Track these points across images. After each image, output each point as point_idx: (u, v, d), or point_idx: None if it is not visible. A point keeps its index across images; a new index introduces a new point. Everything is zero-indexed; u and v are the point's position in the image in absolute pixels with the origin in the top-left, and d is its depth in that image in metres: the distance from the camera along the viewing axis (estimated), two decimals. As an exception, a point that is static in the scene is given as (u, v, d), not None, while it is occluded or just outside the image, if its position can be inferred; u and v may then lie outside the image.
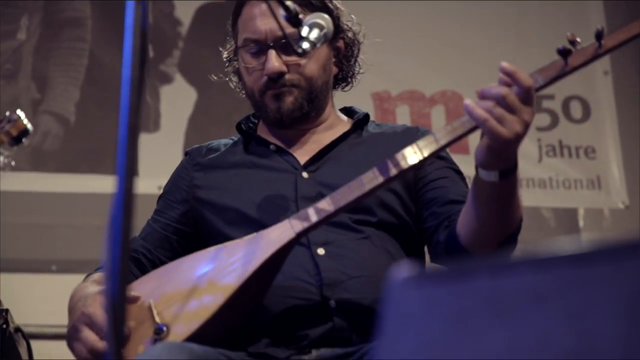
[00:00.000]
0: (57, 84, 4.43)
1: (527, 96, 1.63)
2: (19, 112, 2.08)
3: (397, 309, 0.89)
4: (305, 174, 2.00)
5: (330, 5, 2.05)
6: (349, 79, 2.16)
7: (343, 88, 2.17)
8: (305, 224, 1.75)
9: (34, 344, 2.73)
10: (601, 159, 4.62)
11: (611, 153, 4.64)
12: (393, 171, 1.71)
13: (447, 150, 2.02)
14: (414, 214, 2.00)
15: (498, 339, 0.84)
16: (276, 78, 2.00)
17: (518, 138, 1.64)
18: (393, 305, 0.89)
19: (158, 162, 4.19)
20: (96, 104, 4.43)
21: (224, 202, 2.00)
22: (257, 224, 1.91)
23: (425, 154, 1.71)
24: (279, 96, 2.02)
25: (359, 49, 2.14)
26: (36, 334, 3.56)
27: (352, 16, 2.13)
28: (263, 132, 2.13)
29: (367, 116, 2.14)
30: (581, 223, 4.66)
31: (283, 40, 1.98)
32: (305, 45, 1.83)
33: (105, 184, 4.12)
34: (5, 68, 4.40)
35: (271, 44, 2.00)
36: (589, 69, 5.01)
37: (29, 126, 2.07)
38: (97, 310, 1.75)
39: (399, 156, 1.72)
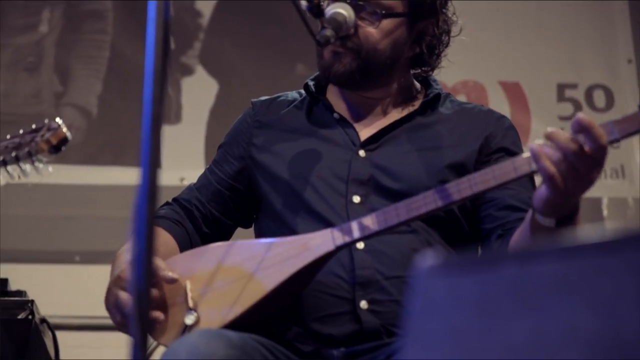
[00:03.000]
0: (79, 77, 4.45)
1: (600, 153, 1.53)
2: (58, 120, 2.08)
3: (423, 298, 0.89)
4: (362, 152, 1.93)
5: None
6: (429, 64, 2.02)
7: (426, 72, 2.04)
8: (347, 239, 1.72)
9: (60, 334, 2.75)
10: (625, 147, 4.59)
11: (635, 142, 4.60)
12: (448, 200, 1.65)
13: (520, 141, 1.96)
14: (469, 210, 1.92)
15: (523, 328, 0.84)
16: (340, 36, 1.90)
17: (580, 194, 1.57)
18: (418, 293, 0.89)
19: (180, 153, 4.21)
20: (118, 96, 4.45)
21: (275, 170, 1.96)
22: (302, 202, 1.89)
23: (487, 186, 1.62)
24: (336, 54, 1.92)
25: (448, 41, 2.01)
26: (61, 324, 3.58)
27: (453, 5, 2.01)
28: (332, 93, 2.04)
29: (437, 96, 2.01)
30: (605, 212, 4.63)
31: (360, 2, 1.90)
32: (326, 34, 1.82)
33: (128, 176, 4.14)
34: (27, 61, 4.42)
35: (349, 1, 1.90)
36: (612, 57, 4.97)
37: (69, 134, 2.07)
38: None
39: (453, 186, 1.64)
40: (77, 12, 4.51)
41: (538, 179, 1.66)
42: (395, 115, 1.99)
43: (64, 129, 2.06)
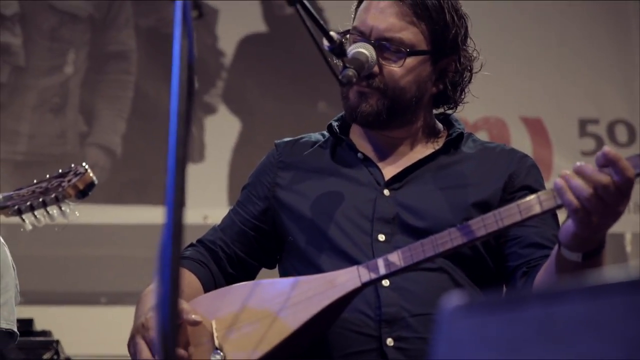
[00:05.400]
0: (104, 117, 4.50)
1: (627, 186, 1.53)
2: (84, 164, 2.10)
3: (448, 338, 0.88)
4: (386, 192, 1.93)
5: (448, 18, 1.93)
6: (452, 103, 2.02)
7: (446, 110, 2.04)
8: (373, 276, 1.71)
9: (84, 374, 2.76)
10: (648, 182, 4.56)
11: (659, 176, 4.57)
12: (474, 236, 1.65)
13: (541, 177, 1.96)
14: (493, 248, 1.91)
15: (551, 368, 0.83)
16: (365, 76, 1.89)
17: (607, 227, 1.58)
18: (444, 334, 0.89)
19: (203, 192, 4.23)
20: (142, 136, 4.49)
21: (300, 210, 1.96)
22: (327, 240, 1.90)
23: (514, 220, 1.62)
24: (362, 95, 1.92)
25: (470, 77, 2.01)
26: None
27: (473, 41, 2.00)
28: (355, 133, 2.04)
29: (460, 135, 2.01)
30: (628, 249, 4.59)
31: (384, 42, 1.90)
32: (348, 73, 1.83)
33: (152, 215, 4.15)
34: (53, 102, 4.48)
35: (372, 41, 1.90)
36: (633, 92, 4.95)
37: (95, 179, 2.09)
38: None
39: (479, 221, 1.64)
40: (102, 53, 4.57)
41: (562, 215, 1.66)
42: (418, 154, 2.00)
43: (91, 174, 2.08)
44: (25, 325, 2.80)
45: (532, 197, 1.62)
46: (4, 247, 2.29)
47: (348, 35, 1.94)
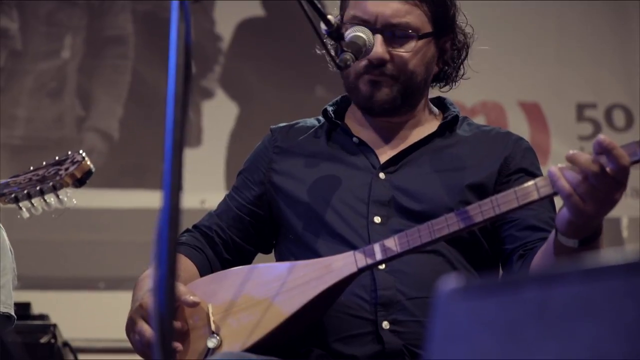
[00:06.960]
0: (101, 101, 4.50)
1: (622, 174, 1.53)
2: (81, 152, 2.09)
3: (445, 321, 0.89)
4: (382, 175, 1.94)
5: (448, 1, 1.97)
6: (449, 81, 2.05)
7: (441, 87, 2.07)
8: (369, 261, 1.73)
9: (82, 357, 2.77)
10: (645, 167, 4.56)
11: (656, 161, 4.58)
12: (471, 222, 1.66)
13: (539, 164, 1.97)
14: (489, 231, 1.92)
15: (548, 351, 0.84)
16: (377, 64, 1.91)
17: (602, 215, 1.58)
18: (440, 317, 0.89)
19: (200, 176, 4.23)
20: (139, 120, 4.48)
21: (297, 194, 1.96)
22: (323, 224, 1.90)
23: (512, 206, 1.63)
24: (375, 83, 1.93)
25: (467, 53, 2.03)
26: (84, 348, 3.60)
27: (467, 17, 2.02)
28: (350, 118, 2.05)
29: (455, 118, 2.02)
30: (625, 233, 4.60)
31: (393, 28, 1.91)
32: (345, 57, 1.83)
33: (149, 199, 4.16)
34: (50, 86, 4.47)
35: (379, 28, 1.91)
36: (631, 77, 4.94)
37: (92, 167, 2.07)
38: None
39: (476, 208, 1.65)
40: (99, 37, 4.56)
41: (559, 202, 1.67)
42: (413, 137, 2.00)
43: (88, 162, 2.07)
44: (23, 309, 2.80)
45: (529, 183, 1.63)
46: (2, 231, 2.29)
47: (347, 25, 1.93)
